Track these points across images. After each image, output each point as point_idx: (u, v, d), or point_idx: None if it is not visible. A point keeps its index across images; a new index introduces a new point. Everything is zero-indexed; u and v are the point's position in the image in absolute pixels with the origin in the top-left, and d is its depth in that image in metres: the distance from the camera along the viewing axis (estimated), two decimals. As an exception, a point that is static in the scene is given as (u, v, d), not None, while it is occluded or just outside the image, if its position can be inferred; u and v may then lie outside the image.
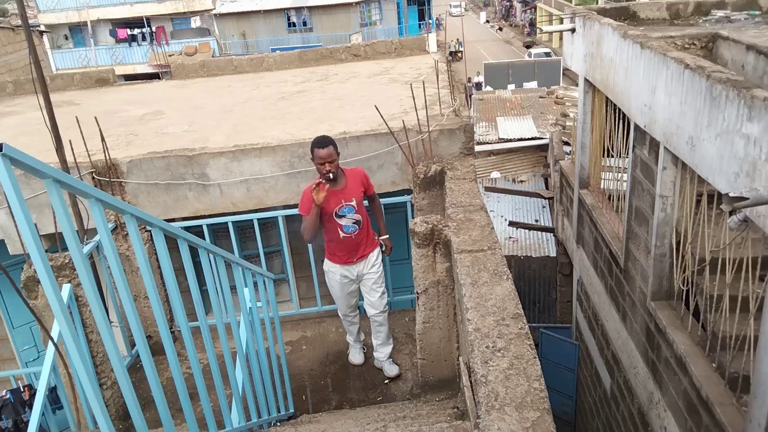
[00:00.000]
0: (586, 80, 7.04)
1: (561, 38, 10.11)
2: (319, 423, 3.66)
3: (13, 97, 9.47)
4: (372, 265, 4.65)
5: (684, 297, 4.88)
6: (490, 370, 2.51)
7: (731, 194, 2.63)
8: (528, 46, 41.72)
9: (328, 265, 4.69)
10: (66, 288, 4.15)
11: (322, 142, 4.23)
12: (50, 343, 3.60)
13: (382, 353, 4.98)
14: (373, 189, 4.65)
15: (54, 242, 5.05)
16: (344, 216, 4.41)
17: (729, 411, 3.92)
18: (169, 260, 2.48)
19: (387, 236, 4.79)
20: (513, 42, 48.30)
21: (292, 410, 4.51)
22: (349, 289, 4.75)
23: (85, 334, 4.34)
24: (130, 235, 2.24)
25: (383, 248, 4.74)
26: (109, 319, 2.35)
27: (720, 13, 7.71)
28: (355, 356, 5.22)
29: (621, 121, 6.05)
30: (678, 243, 4.83)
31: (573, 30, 7.30)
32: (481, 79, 28.43)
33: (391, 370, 4.97)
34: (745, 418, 3.69)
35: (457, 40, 37.78)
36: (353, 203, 4.41)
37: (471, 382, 2.73)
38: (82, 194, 1.94)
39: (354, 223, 4.45)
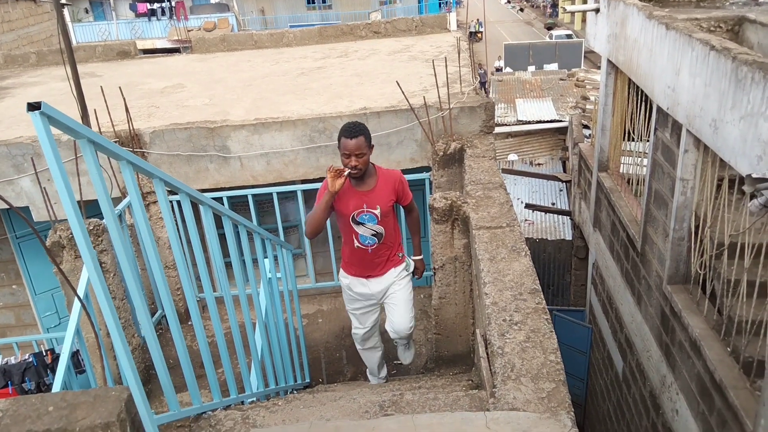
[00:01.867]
0: (609, 61, 6.97)
1: (583, 20, 10.00)
2: (336, 391, 3.74)
3: (36, 68, 9.57)
4: (393, 282, 3.84)
5: (701, 281, 4.88)
6: (506, 342, 2.55)
7: (755, 175, 2.62)
8: (549, 28, 41.20)
9: (341, 273, 3.99)
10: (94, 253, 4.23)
11: (351, 130, 3.45)
12: (75, 306, 3.69)
13: (405, 357, 4.39)
14: (410, 198, 3.80)
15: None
16: (362, 224, 3.65)
17: (742, 394, 3.94)
18: (195, 226, 2.53)
19: (420, 257, 4.01)
20: (534, 23, 47.70)
21: (308, 380, 4.60)
22: (361, 309, 3.99)
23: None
24: (158, 200, 2.29)
25: (408, 266, 3.93)
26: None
27: (748, -4, 7.57)
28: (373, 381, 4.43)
29: (643, 103, 6.00)
30: (697, 227, 4.81)
31: (597, 10, 7.21)
32: (501, 63, 28.05)
33: (405, 357, 4.41)
34: (758, 401, 3.70)
35: (477, 20, 37.39)
36: (377, 212, 3.61)
37: (487, 354, 2.77)
38: (115, 156, 1.98)
39: (373, 235, 3.68)
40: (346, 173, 3.45)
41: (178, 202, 2.74)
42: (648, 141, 5.72)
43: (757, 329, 3.97)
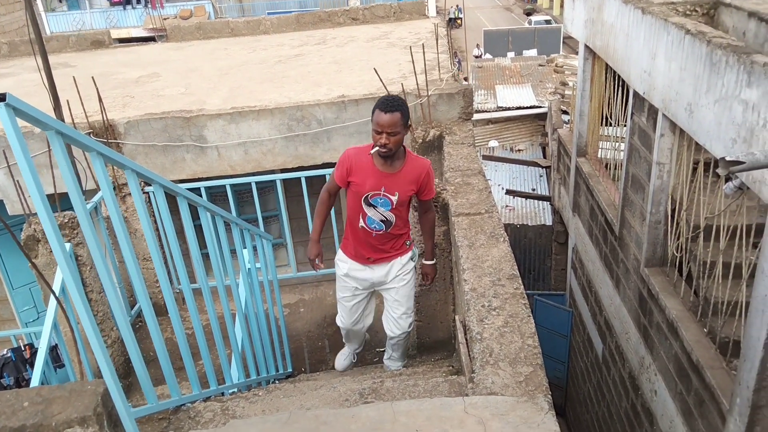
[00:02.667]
0: (586, 47, 6.99)
1: (562, 5, 10.04)
2: (317, 380, 3.74)
3: (7, 59, 9.38)
4: (395, 275, 3.59)
5: (677, 264, 4.94)
6: (485, 328, 2.56)
7: (728, 158, 2.65)
8: (528, 14, 41.24)
9: (338, 254, 3.72)
10: (66, 247, 4.17)
11: (389, 104, 3.13)
12: (51, 301, 3.64)
13: (392, 365, 4.15)
14: (432, 195, 3.52)
15: (52, 203, 5.06)
16: (374, 206, 3.37)
17: (719, 374, 4.01)
18: (169, 218, 2.50)
19: (433, 262, 3.71)
20: (513, 9, 47.69)
21: (290, 369, 4.59)
22: (354, 298, 3.71)
23: (85, 294, 4.38)
24: (131, 191, 2.26)
25: (414, 257, 3.65)
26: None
27: (723, -20, 7.62)
28: (341, 362, 4.27)
29: (620, 88, 6.04)
30: (673, 210, 4.87)
31: (574, -5, 7.22)
32: (480, 51, 28.04)
33: (391, 365, 4.17)
34: (734, 381, 3.77)
35: (457, 6, 37.29)
36: (393, 198, 3.33)
37: (466, 340, 2.78)
38: (84, 147, 1.95)
39: (382, 221, 3.40)
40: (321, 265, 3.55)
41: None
42: (625, 126, 5.76)
43: (732, 310, 4.03)
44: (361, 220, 3.41)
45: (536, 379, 2.24)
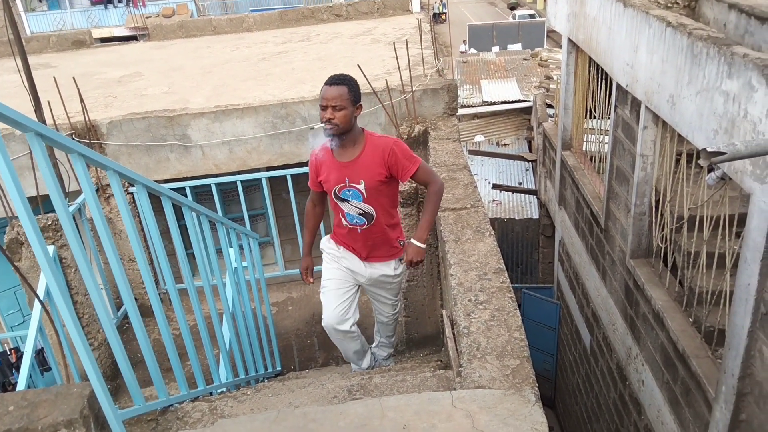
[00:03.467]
0: (569, 40, 7.02)
1: (545, -1, 10.04)
2: (306, 378, 3.74)
3: (-13, 60, 9.26)
4: (382, 280, 3.38)
5: (662, 254, 4.99)
6: (472, 322, 2.57)
7: (709, 149, 2.67)
8: (512, 8, 41.31)
9: (324, 242, 3.46)
10: (50, 249, 4.14)
11: (335, 78, 3.00)
12: (36, 304, 3.61)
13: (380, 353, 3.98)
14: (413, 171, 3.06)
15: (35, 205, 5.01)
16: (346, 200, 3.15)
17: (705, 363, 4.05)
18: (153, 218, 2.49)
19: (419, 245, 3.09)
20: (497, 3, 47.75)
21: (279, 368, 4.59)
22: (344, 281, 3.37)
23: (70, 296, 4.35)
24: (114, 193, 2.24)
25: (401, 259, 3.35)
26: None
27: (703, -27, 7.67)
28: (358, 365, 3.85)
29: (604, 81, 6.07)
30: (657, 202, 4.91)
31: (557, -11, 7.25)
32: (465, 48, 28.05)
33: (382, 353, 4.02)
34: (719, 369, 3.81)
35: (441, 1, 37.28)
36: (360, 187, 3.06)
37: (454, 334, 2.79)
38: (65, 148, 1.93)
39: (360, 214, 3.15)
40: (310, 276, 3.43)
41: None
42: (609, 118, 5.79)
43: (717, 299, 4.07)
44: (342, 219, 3.23)
45: (523, 371, 2.26)
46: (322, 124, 2.96)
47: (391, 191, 3.20)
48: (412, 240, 3.13)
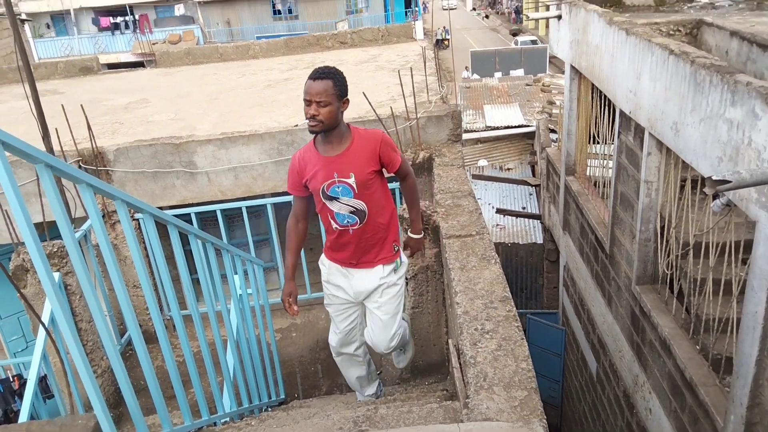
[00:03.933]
0: (572, 67, 7.08)
1: (547, 25, 10.17)
2: (310, 408, 3.70)
3: (-5, 86, 9.37)
4: (377, 285, 3.17)
5: (668, 281, 4.96)
6: (478, 352, 2.55)
7: (714, 177, 2.67)
8: (515, 34, 41.71)
9: (321, 258, 3.34)
10: (55, 276, 4.14)
11: (319, 71, 2.85)
12: (40, 331, 3.60)
13: (396, 362, 3.84)
14: (399, 163, 3.06)
15: (41, 231, 5.03)
16: (336, 198, 2.98)
17: (712, 392, 4.00)
18: (160, 247, 2.49)
19: (418, 235, 3.33)
20: (499, 29, 48.26)
21: (283, 396, 4.55)
22: (340, 307, 3.30)
23: (75, 323, 4.34)
24: (121, 221, 2.25)
25: (397, 267, 3.21)
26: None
27: (704, 0, 7.77)
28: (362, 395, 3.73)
29: (607, 107, 6.10)
30: (662, 228, 4.90)
31: (559, 17, 7.33)
32: (467, 74, 28.25)
33: (399, 361, 3.83)
34: (727, 398, 3.77)
35: (444, 27, 37.68)
36: (351, 181, 2.93)
37: (460, 364, 2.77)
38: (73, 179, 1.94)
39: (352, 213, 3.01)
40: (294, 307, 3.11)
41: (144, 221, 2.69)
42: (612, 144, 5.81)
43: (724, 326, 4.04)
44: (332, 222, 3.04)
45: (531, 403, 2.23)
46: (306, 121, 2.84)
47: (382, 185, 3.10)
48: (411, 234, 3.34)
